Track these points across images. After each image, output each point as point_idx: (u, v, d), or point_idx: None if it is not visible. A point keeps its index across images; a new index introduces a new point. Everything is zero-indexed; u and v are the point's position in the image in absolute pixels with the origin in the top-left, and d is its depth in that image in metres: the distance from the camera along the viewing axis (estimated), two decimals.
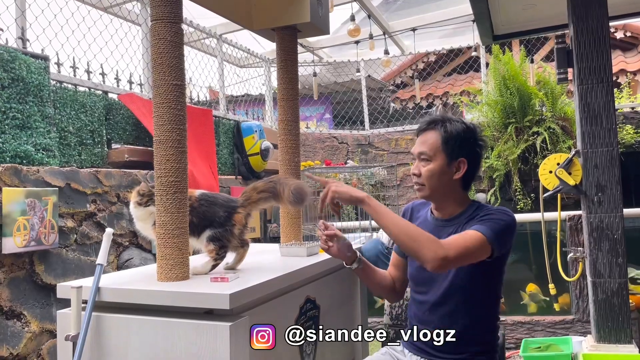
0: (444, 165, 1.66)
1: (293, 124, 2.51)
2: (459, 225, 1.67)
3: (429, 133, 1.69)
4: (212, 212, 1.82)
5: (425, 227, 1.75)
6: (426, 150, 1.67)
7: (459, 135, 1.66)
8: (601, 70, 3.44)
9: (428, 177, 1.67)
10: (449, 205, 1.72)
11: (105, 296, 1.64)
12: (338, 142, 5.49)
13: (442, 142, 1.65)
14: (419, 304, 1.76)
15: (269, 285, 1.72)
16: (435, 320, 1.68)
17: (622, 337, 3.29)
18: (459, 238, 1.54)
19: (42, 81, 2.54)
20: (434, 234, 1.67)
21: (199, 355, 1.50)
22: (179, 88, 1.75)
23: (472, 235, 1.54)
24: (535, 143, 4.62)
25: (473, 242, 1.53)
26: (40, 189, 2.26)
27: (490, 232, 1.55)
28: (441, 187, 1.67)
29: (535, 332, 3.90)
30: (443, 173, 1.66)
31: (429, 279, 1.72)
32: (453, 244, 1.51)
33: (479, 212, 1.66)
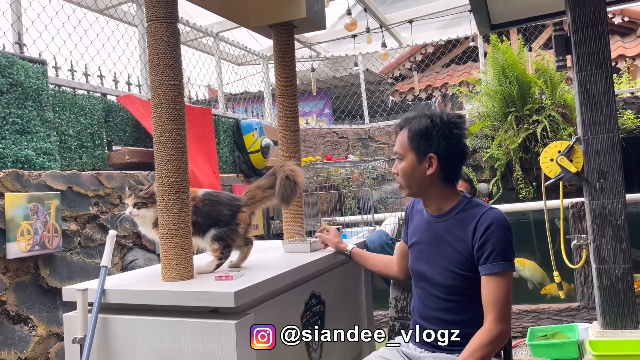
0: (414, 163, 1.67)
1: (292, 120, 2.51)
2: (448, 222, 1.68)
3: (401, 132, 1.72)
4: (216, 211, 1.82)
5: (421, 222, 1.79)
6: (398, 150, 1.71)
7: (422, 132, 1.66)
8: (600, 56, 3.42)
9: (402, 176, 1.71)
10: (434, 201, 1.72)
11: (111, 298, 1.65)
12: (338, 137, 5.49)
13: (409, 140, 1.68)
14: (420, 297, 1.76)
15: (274, 282, 1.72)
16: (437, 314, 1.68)
17: (627, 323, 3.30)
18: (493, 303, 1.56)
19: (40, 85, 2.54)
20: (427, 230, 1.75)
21: (206, 354, 1.50)
22: (177, 88, 1.75)
23: (501, 285, 1.56)
24: (535, 131, 4.61)
25: (507, 289, 1.57)
26: (42, 193, 2.27)
27: (509, 265, 1.58)
28: (416, 185, 1.69)
29: (541, 320, 3.90)
30: (414, 170, 1.68)
31: (425, 273, 1.73)
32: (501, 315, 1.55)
33: (468, 217, 1.64)
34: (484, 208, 1.65)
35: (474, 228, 1.61)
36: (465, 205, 1.68)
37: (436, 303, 1.69)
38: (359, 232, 3.71)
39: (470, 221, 1.63)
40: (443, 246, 1.68)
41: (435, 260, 1.70)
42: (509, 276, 1.59)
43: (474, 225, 1.61)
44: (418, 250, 1.78)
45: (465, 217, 1.65)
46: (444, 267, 1.67)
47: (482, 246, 1.58)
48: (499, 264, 1.57)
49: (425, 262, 1.73)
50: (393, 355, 1.76)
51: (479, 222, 1.61)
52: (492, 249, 1.57)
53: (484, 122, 5.01)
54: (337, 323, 2.23)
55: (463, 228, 1.64)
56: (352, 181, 4.86)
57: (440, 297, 1.68)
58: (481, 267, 1.60)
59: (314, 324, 2.02)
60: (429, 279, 1.72)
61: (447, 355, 1.66)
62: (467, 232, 1.62)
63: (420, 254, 1.76)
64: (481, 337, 1.54)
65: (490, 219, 1.60)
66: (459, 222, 1.66)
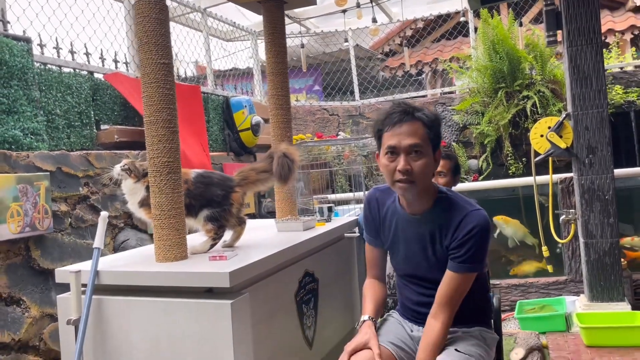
0: (432, 158, 1.58)
1: (284, 98, 2.49)
2: (429, 222, 1.63)
3: (413, 123, 1.54)
4: (209, 192, 1.81)
5: (397, 221, 1.70)
6: (419, 142, 1.53)
7: (438, 124, 1.59)
8: (590, 31, 3.42)
9: (422, 173, 1.54)
10: (422, 200, 1.63)
11: (105, 279, 1.64)
12: (329, 114, 5.46)
13: (427, 132, 1.55)
14: (410, 289, 1.76)
15: (268, 261, 1.73)
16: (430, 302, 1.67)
17: (614, 295, 3.37)
18: (449, 302, 1.58)
19: (25, 64, 2.49)
20: (410, 230, 1.67)
21: (201, 334, 1.51)
22: (166, 67, 1.72)
23: (463, 284, 1.58)
24: (525, 107, 4.62)
25: (466, 288, 1.59)
26: (31, 174, 2.24)
27: (477, 267, 1.58)
28: (428, 182, 1.60)
29: (529, 293, 3.97)
30: (432, 167, 1.59)
31: (415, 271, 1.71)
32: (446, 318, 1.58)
33: (450, 218, 1.59)
34: (468, 208, 1.60)
35: (455, 227, 1.58)
36: (444, 203, 1.63)
37: (430, 294, 1.67)
38: (351, 209, 3.73)
39: (454, 219, 1.59)
40: (431, 244, 1.64)
41: (422, 260, 1.67)
42: (470, 278, 1.59)
43: (456, 223, 1.58)
44: (401, 250, 1.72)
45: (449, 218, 1.60)
46: (434, 265, 1.65)
47: (459, 246, 1.57)
48: (468, 265, 1.57)
49: (413, 261, 1.70)
50: (399, 329, 1.78)
51: (462, 223, 1.57)
52: (467, 251, 1.56)
53: (474, 98, 5.00)
54: (331, 301, 2.26)
55: (446, 227, 1.60)
56: (343, 159, 4.86)
57: (433, 289, 1.65)
58: (451, 261, 1.59)
59: (308, 302, 2.04)
60: (420, 277, 1.71)
61: None
62: (447, 233, 1.60)
63: (402, 253, 1.72)
64: (436, 336, 1.57)
65: (474, 222, 1.56)
66: (444, 221, 1.61)
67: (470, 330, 1.69)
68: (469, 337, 1.66)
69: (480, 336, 1.68)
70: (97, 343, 1.64)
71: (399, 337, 1.75)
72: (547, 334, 3.39)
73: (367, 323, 1.72)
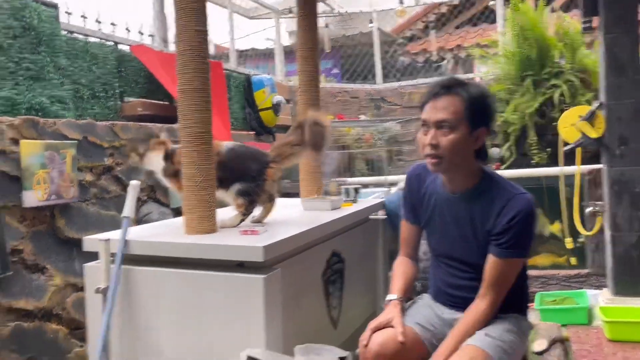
0: (467, 135, 1.51)
1: (313, 74, 2.43)
2: (472, 204, 1.59)
3: (449, 98, 1.51)
4: (243, 166, 1.77)
5: (437, 200, 1.67)
6: (449, 118, 1.50)
7: (481, 102, 1.53)
8: (628, 19, 3.31)
9: (450, 149, 1.51)
10: (461, 179, 1.59)
11: (134, 249, 1.62)
12: (350, 97, 5.39)
13: (466, 108, 1.50)
14: (445, 272, 1.72)
15: (299, 238, 1.70)
16: (467, 283, 1.64)
17: (639, 290, 3.30)
18: (496, 285, 1.55)
19: (53, 30, 2.45)
20: (449, 210, 1.64)
21: (232, 308, 1.48)
22: (202, 34, 1.67)
23: (508, 269, 1.54)
24: (553, 96, 4.51)
25: (513, 274, 1.56)
26: (58, 142, 2.21)
27: (521, 253, 1.55)
28: (460, 160, 1.54)
29: (549, 285, 3.91)
30: (465, 144, 1.52)
31: (452, 253, 1.67)
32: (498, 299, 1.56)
33: (495, 200, 1.54)
34: (513, 192, 1.55)
35: (499, 211, 1.53)
36: (490, 185, 1.58)
37: (467, 277, 1.64)
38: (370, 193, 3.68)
39: (497, 203, 1.54)
40: (471, 227, 1.60)
41: (461, 241, 1.63)
42: (518, 263, 1.56)
43: (499, 207, 1.53)
44: (437, 229, 1.69)
45: (492, 198, 1.55)
46: (473, 247, 1.61)
47: (503, 232, 1.53)
48: (512, 251, 1.53)
49: (450, 242, 1.66)
50: (428, 311, 1.74)
51: (506, 208, 1.52)
52: (510, 238, 1.51)
53: (499, 85, 4.89)
54: (356, 281, 2.22)
55: (488, 211, 1.56)
56: (364, 142, 4.80)
57: (470, 272, 1.62)
58: (493, 247, 1.55)
59: (334, 282, 2.01)
60: (457, 258, 1.66)
61: None
62: (490, 216, 1.55)
63: (440, 233, 1.69)
64: (476, 319, 1.54)
65: (519, 207, 1.51)
66: (487, 204, 1.56)
67: (505, 316, 1.64)
68: (502, 323, 1.61)
69: (515, 323, 1.63)
70: (124, 313, 1.62)
71: (427, 319, 1.71)
72: (568, 326, 3.33)
73: (393, 302, 1.69)
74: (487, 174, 1.62)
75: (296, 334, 1.69)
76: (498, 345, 1.52)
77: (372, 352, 1.58)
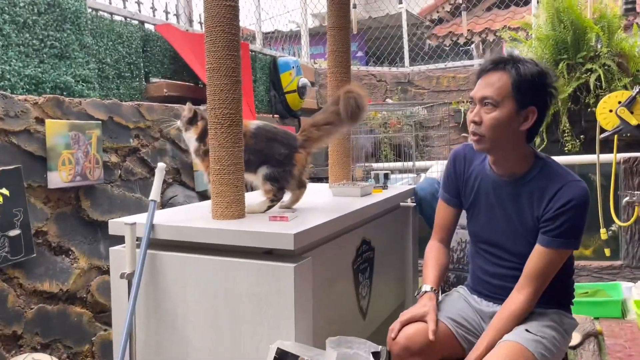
0: (512, 114, 1.44)
1: (344, 55, 2.34)
2: (522, 189, 1.51)
3: (496, 74, 1.45)
4: (271, 149, 1.70)
5: (484, 182, 1.59)
6: (492, 95, 1.44)
7: (533, 80, 1.44)
8: None
9: (492, 127, 1.45)
10: (509, 161, 1.52)
11: (160, 234, 1.57)
12: (376, 80, 5.27)
13: (513, 86, 1.43)
14: (485, 259, 1.64)
15: (329, 225, 1.63)
16: (508, 272, 1.57)
17: None
18: (537, 277, 1.47)
19: (79, 7, 2.39)
20: (496, 194, 1.57)
21: (261, 296, 1.43)
22: (233, 10, 1.59)
23: (553, 260, 1.47)
24: (588, 81, 4.34)
25: (557, 266, 1.49)
26: (83, 122, 2.17)
27: (572, 243, 1.47)
28: (504, 140, 1.47)
29: (580, 277, 3.79)
30: (510, 123, 1.45)
31: (495, 239, 1.60)
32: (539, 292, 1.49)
33: (548, 186, 1.47)
34: (568, 178, 1.48)
35: (549, 199, 1.46)
36: (542, 170, 1.51)
37: (506, 266, 1.58)
38: (398, 179, 3.59)
39: (550, 188, 1.47)
40: (516, 213, 1.53)
41: (506, 227, 1.56)
42: (565, 254, 1.48)
43: (552, 193, 1.46)
44: (481, 212, 1.62)
45: (544, 186, 1.48)
46: (517, 234, 1.54)
47: (553, 218, 1.45)
48: (562, 240, 1.45)
49: (493, 227, 1.59)
50: (462, 305, 1.67)
51: (559, 193, 1.45)
52: (561, 224, 1.44)
53: (557, 78, 4.73)
54: (385, 270, 2.15)
55: (539, 197, 1.48)
56: (390, 126, 4.69)
57: (511, 260, 1.56)
58: (542, 236, 1.47)
59: (364, 271, 1.94)
60: (501, 245, 1.59)
61: None
62: (542, 202, 1.48)
63: (484, 217, 1.61)
64: (513, 312, 1.48)
65: (573, 194, 1.44)
66: (535, 190, 1.49)
67: (547, 311, 1.56)
68: (543, 318, 1.53)
69: (557, 319, 1.55)
70: (149, 299, 1.58)
71: (462, 313, 1.64)
72: (601, 319, 3.23)
73: (428, 294, 1.62)
74: (541, 158, 1.54)
75: (325, 324, 1.63)
76: (539, 342, 1.45)
77: (399, 345, 1.53)
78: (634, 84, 4.15)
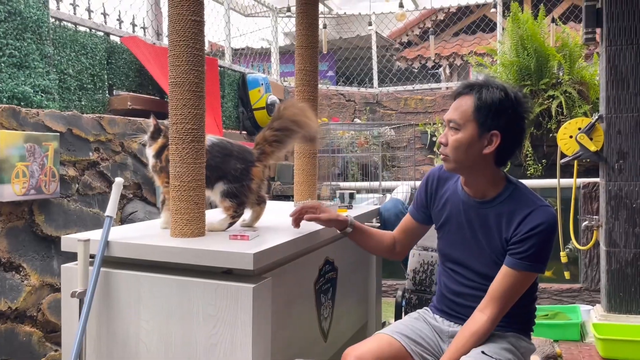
0: (474, 137, 1.47)
1: (311, 74, 2.34)
2: (493, 211, 1.53)
3: (464, 98, 1.50)
4: (227, 164, 1.66)
5: (456, 203, 1.62)
6: (456, 118, 1.49)
7: (494, 104, 1.46)
8: (632, 31, 3.26)
9: (454, 148, 1.49)
10: (479, 183, 1.54)
11: (115, 251, 1.51)
12: (345, 100, 5.30)
13: (475, 109, 1.47)
14: (451, 277, 1.65)
15: (291, 245, 1.60)
16: (471, 292, 1.58)
17: (633, 308, 3.24)
18: (500, 298, 1.48)
19: (41, 17, 2.33)
20: (466, 214, 1.59)
21: (218, 317, 1.38)
22: (197, 24, 1.57)
23: (518, 282, 1.48)
24: (550, 107, 4.47)
25: (521, 288, 1.50)
26: (40, 134, 2.10)
27: (538, 267, 1.48)
28: (468, 161, 1.50)
29: (541, 299, 3.85)
30: (471, 145, 1.47)
31: (463, 259, 1.61)
32: (501, 313, 1.49)
33: (517, 210, 1.49)
34: (538, 203, 1.50)
35: (518, 222, 1.48)
36: (512, 193, 1.53)
37: (470, 285, 1.59)
38: (364, 199, 3.59)
39: (517, 215, 1.49)
40: (485, 234, 1.55)
41: (474, 248, 1.57)
42: (530, 277, 1.50)
43: (522, 216, 1.48)
44: (451, 232, 1.64)
45: (513, 209, 1.50)
46: (485, 255, 1.55)
47: (521, 241, 1.47)
48: (528, 264, 1.47)
49: (462, 247, 1.60)
50: (421, 325, 1.66)
51: (529, 217, 1.47)
52: (528, 248, 1.46)
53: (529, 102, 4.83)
54: (348, 291, 2.13)
55: (509, 220, 1.50)
56: (357, 146, 4.71)
57: (475, 280, 1.57)
58: (508, 257, 1.49)
59: (326, 291, 1.91)
60: (467, 265, 1.60)
61: None
62: (510, 225, 1.50)
63: (454, 237, 1.63)
64: (474, 333, 1.47)
65: (542, 218, 1.46)
66: (505, 213, 1.51)
67: (506, 334, 1.56)
68: (501, 341, 1.53)
69: (515, 342, 1.55)
70: (101, 319, 1.51)
71: (419, 332, 1.64)
72: (560, 342, 3.27)
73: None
74: (512, 183, 1.56)
75: (285, 347, 1.60)
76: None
77: None
78: (594, 111, 4.29)
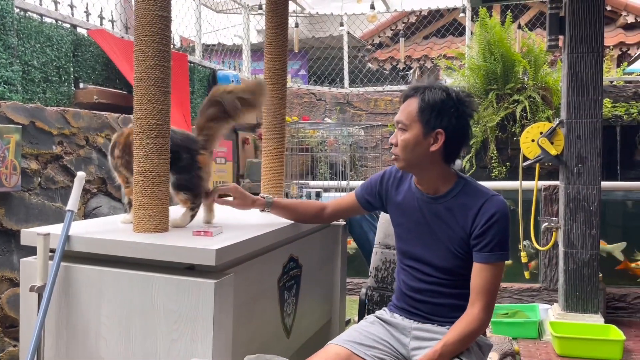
0: (419, 136, 1.55)
1: (280, 72, 2.36)
2: (446, 205, 1.59)
3: (410, 100, 1.59)
4: (173, 156, 1.64)
5: (411, 200, 1.68)
6: (403, 119, 1.58)
7: (436, 104, 1.54)
8: (593, 39, 3.38)
9: (402, 148, 1.58)
10: (430, 180, 1.62)
11: (76, 245, 1.50)
12: (316, 99, 5.33)
13: (419, 110, 1.55)
14: (409, 273, 1.69)
15: (255, 242, 1.61)
16: (429, 287, 1.63)
17: (589, 307, 3.36)
18: (484, 291, 1.53)
19: (4, 7, 2.29)
20: (421, 211, 1.65)
21: (179, 313, 1.39)
22: (164, 20, 1.57)
23: (494, 274, 1.54)
24: (515, 111, 4.58)
25: (498, 279, 1.55)
26: (1, 126, 2.06)
27: (505, 255, 1.55)
28: (416, 160, 1.57)
29: (502, 298, 3.95)
30: (417, 144, 1.55)
31: (421, 255, 1.66)
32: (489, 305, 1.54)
33: (470, 202, 1.55)
34: (489, 194, 1.58)
35: (475, 214, 1.55)
36: (463, 188, 1.60)
37: (429, 281, 1.64)
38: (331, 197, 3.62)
39: (471, 207, 1.56)
40: (442, 228, 1.60)
41: (432, 243, 1.63)
42: (502, 266, 1.56)
43: (475, 211, 1.55)
44: (409, 230, 1.69)
45: (466, 202, 1.57)
46: (443, 249, 1.61)
47: (482, 234, 1.53)
48: (496, 254, 1.53)
49: (421, 243, 1.66)
50: (376, 329, 1.69)
51: (482, 210, 1.54)
52: (491, 239, 1.52)
53: (474, 101, 4.93)
54: (312, 288, 2.15)
55: (464, 213, 1.56)
56: (327, 145, 4.74)
57: (434, 275, 1.63)
58: (477, 254, 1.55)
59: (290, 288, 1.93)
60: (424, 260, 1.65)
61: (438, 327, 1.62)
62: (467, 218, 1.56)
63: (411, 234, 1.68)
64: (468, 324, 1.52)
65: (494, 208, 1.53)
66: (459, 206, 1.58)
67: None
68: None
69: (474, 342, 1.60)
70: (61, 314, 1.50)
71: (373, 337, 1.65)
72: (519, 340, 3.37)
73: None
74: (462, 178, 1.64)
75: (247, 342, 1.61)
76: None
77: None
78: (556, 116, 4.41)
